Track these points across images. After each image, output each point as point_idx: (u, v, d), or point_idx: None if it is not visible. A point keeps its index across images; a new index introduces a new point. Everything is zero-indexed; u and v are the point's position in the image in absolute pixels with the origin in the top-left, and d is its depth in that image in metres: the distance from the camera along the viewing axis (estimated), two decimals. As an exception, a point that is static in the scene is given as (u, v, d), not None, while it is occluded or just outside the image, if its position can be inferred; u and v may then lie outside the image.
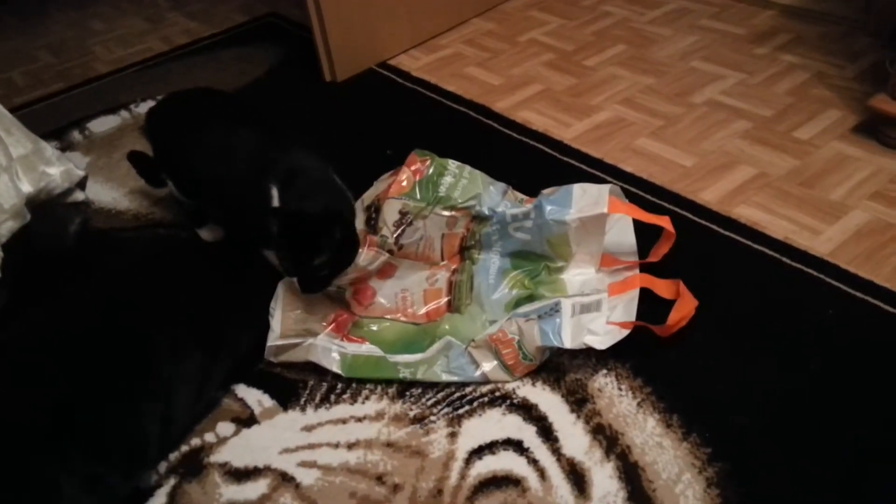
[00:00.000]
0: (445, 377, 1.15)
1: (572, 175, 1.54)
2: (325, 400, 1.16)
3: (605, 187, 1.25)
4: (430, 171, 1.32)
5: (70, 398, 1.02)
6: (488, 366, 1.14)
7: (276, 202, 1.21)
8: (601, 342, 1.12)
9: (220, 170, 1.32)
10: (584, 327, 1.14)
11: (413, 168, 1.32)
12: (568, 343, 1.11)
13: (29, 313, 1.19)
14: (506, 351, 1.13)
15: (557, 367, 1.16)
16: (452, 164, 1.34)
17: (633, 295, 1.21)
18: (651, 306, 1.20)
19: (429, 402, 1.13)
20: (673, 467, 0.99)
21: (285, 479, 1.05)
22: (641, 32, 2.10)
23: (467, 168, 1.35)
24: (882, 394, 1.06)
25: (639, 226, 1.29)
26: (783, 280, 1.26)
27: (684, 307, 1.17)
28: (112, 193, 1.70)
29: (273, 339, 1.21)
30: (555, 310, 1.15)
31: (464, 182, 1.31)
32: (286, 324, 1.22)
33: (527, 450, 1.04)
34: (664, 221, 1.25)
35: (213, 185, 1.35)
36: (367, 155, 1.67)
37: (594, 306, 1.18)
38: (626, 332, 1.13)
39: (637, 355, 1.15)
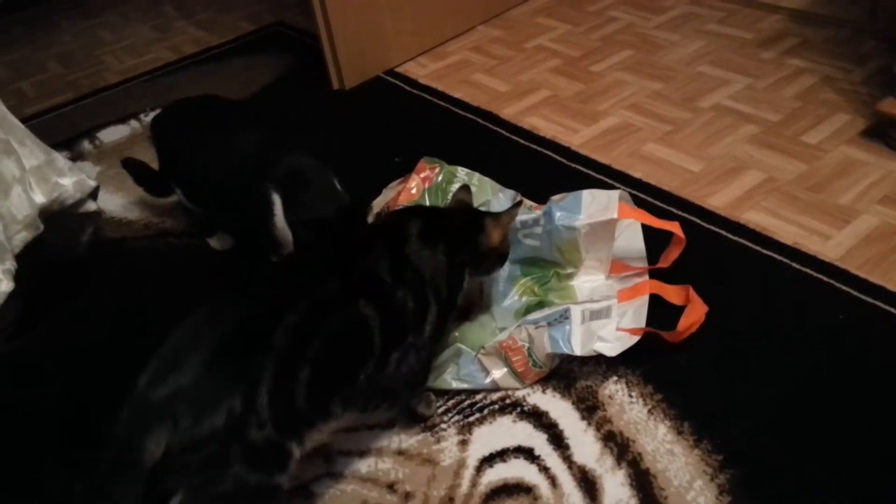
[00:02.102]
0: (456, 384, 1.15)
1: (580, 181, 1.54)
2: (336, 408, 1.16)
3: (615, 193, 1.26)
4: (440, 178, 1.33)
5: (82, 406, 1.03)
6: (498, 373, 1.15)
7: (277, 208, 1.23)
8: (611, 349, 1.12)
9: (225, 176, 1.33)
10: (594, 334, 1.14)
11: (422, 175, 1.33)
12: (578, 350, 1.11)
13: (42, 323, 1.20)
14: (516, 358, 1.14)
15: (568, 374, 1.16)
16: (461, 172, 1.35)
17: (643, 301, 1.22)
18: (661, 312, 1.20)
19: (439, 410, 1.13)
20: (684, 474, 0.99)
21: (297, 486, 1.05)
22: (648, 38, 2.10)
23: (476, 175, 1.36)
24: (893, 398, 1.06)
25: (648, 231, 1.29)
26: (793, 285, 1.26)
27: (694, 313, 1.17)
28: (123, 203, 1.71)
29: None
30: (564, 316, 1.16)
31: (473, 189, 1.32)
32: (297, 332, 1.22)
33: (538, 457, 1.04)
34: (674, 227, 1.25)
35: (219, 191, 1.36)
36: (375, 162, 1.68)
37: (604, 313, 1.18)
38: (636, 339, 1.13)
39: (647, 362, 1.15)
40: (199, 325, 0.88)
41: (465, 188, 1.24)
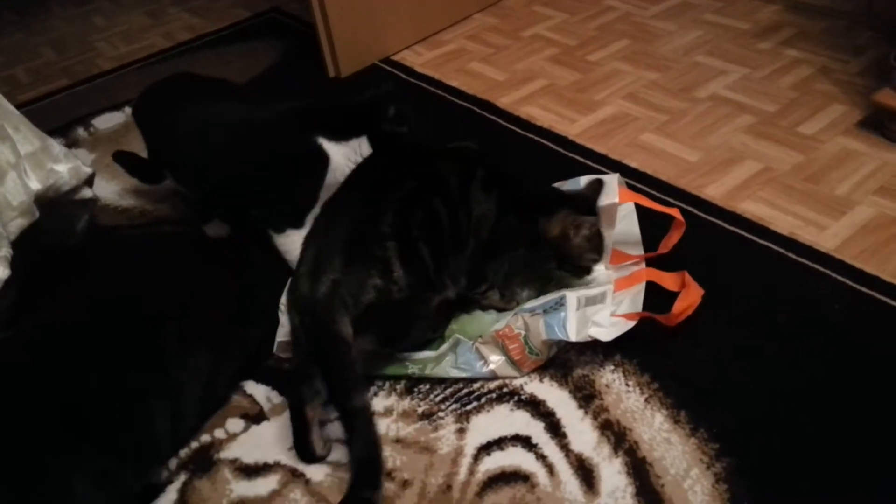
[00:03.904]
0: (454, 373, 1.15)
1: (577, 171, 1.52)
2: (333, 396, 1.16)
3: (613, 176, 1.26)
4: (437, 167, 1.32)
5: (79, 395, 1.02)
6: (496, 361, 1.15)
7: (335, 155, 1.28)
8: (606, 334, 1.12)
9: (214, 150, 1.32)
10: (589, 320, 1.14)
11: (420, 165, 1.32)
12: (573, 336, 1.11)
13: (37, 311, 1.19)
14: (512, 346, 1.14)
15: (565, 363, 1.16)
16: (459, 161, 1.34)
17: (640, 289, 1.22)
18: (658, 300, 1.21)
19: (437, 399, 1.14)
20: (681, 463, 1.00)
21: (295, 474, 1.05)
22: (645, 27, 2.10)
23: (474, 165, 1.35)
24: (888, 388, 1.07)
25: (644, 219, 1.30)
26: (789, 275, 1.26)
27: (690, 296, 1.17)
28: (118, 190, 1.70)
29: (283, 335, 1.21)
30: (560, 303, 1.16)
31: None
32: (295, 319, 1.23)
33: (535, 446, 1.05)
34: (674, 211, 1.25)
35: (209, 168, 1.34)
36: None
37: (599, 298, 1.19)
38: (631, 324, 1.13)
39: (644, 351, 1.15)
40: (325, 234, 1.16)
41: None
